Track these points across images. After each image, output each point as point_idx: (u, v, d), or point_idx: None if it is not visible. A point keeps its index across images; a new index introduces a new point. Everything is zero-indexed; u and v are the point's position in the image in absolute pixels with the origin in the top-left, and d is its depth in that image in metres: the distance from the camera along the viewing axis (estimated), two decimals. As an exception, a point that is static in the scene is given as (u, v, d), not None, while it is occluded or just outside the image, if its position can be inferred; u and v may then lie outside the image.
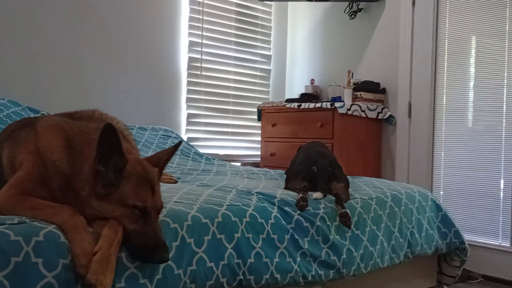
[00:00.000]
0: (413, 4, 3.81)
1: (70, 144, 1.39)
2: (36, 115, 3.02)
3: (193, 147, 3.78)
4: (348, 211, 1.92)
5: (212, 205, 1.65)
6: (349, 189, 2.13)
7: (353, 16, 4.25)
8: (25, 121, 1.61)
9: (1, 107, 2.95)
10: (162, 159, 1.48)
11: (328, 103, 3.78)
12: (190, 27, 4.27)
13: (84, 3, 3.67)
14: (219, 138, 4.52)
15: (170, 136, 3.73)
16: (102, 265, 1.21)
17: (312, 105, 3.91)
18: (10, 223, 1.23)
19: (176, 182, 2.22)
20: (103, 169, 1.30)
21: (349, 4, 4.25)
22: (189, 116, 4.30)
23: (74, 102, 3.38)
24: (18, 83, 3.33)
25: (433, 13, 3.69)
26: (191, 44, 4.29)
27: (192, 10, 4.28)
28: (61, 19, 3.56)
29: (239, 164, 4.25)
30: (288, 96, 4.78)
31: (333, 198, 1.98)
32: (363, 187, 2.31)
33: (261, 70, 4.84)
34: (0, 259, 1.14)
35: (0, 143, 1.58)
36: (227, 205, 1.69)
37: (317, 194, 1.96)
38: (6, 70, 3.30)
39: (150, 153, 3.14)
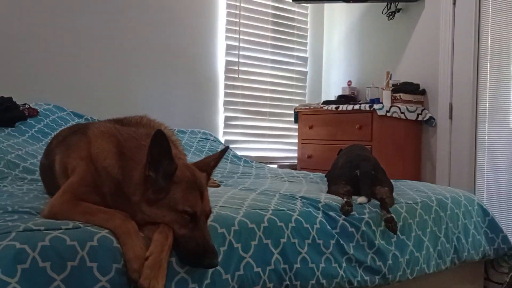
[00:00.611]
0: (454, 3, 3.73)
1: (121, 150, 1.41)
2: (80, 120, 3.10)
3: (231, 150, 3.80)
4: (394, 216, 1.89)
5: (257, 210, 1.65)
6: (393, 193, 2.09)
7: (391, 16, 4.19)
8: (77, 127, 1.65)
9: (47, 112, 3.05)
10: (210, 164, 1.49)
11: (367, 105, 3.73)
12: (227, 30, 4.30)
13: (124, 10, 3.75)
14: (256, 141, 4.53)
15: (209, 139, 3.76)
16: (154, 269, 1.22)
17: (350, 107, 3.87)
18: (66, 228, 1.26)
19: (219, 186, 2.24)
20: (153, 175, 1.31)
21: (387, 5, 4.19)
22: (227, 119, 4.33)
23: (115, 106, 3.46)
24: (63, 90, 3.45)
25: (475, 12, 3.60)
26: (228, 47, 4.31)
27: (229, 14, 4.31)
28: (102, 26, 3.65)
29: (276, 166, 4.25)
30: (324, 98, 4.74)
31: (377, 202, 1.95)
32: (407, 191, 2.27)
33: (297, 72, 4.83)
34: (57, 263, 1.17)
35: (52, 149, 1.62)
36: (272, 210, 1.68)
37: (362, 199, 1.94)
38: (51, 77, 3.42)
39: (189, 156, 3.17)
